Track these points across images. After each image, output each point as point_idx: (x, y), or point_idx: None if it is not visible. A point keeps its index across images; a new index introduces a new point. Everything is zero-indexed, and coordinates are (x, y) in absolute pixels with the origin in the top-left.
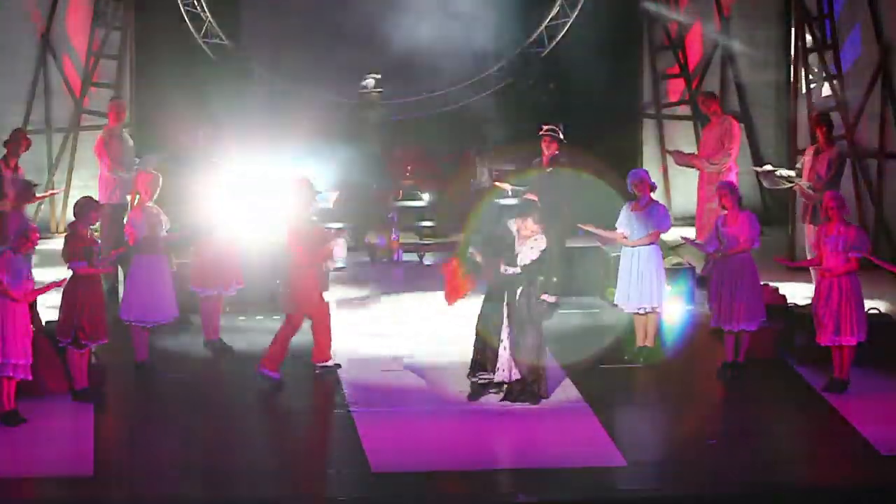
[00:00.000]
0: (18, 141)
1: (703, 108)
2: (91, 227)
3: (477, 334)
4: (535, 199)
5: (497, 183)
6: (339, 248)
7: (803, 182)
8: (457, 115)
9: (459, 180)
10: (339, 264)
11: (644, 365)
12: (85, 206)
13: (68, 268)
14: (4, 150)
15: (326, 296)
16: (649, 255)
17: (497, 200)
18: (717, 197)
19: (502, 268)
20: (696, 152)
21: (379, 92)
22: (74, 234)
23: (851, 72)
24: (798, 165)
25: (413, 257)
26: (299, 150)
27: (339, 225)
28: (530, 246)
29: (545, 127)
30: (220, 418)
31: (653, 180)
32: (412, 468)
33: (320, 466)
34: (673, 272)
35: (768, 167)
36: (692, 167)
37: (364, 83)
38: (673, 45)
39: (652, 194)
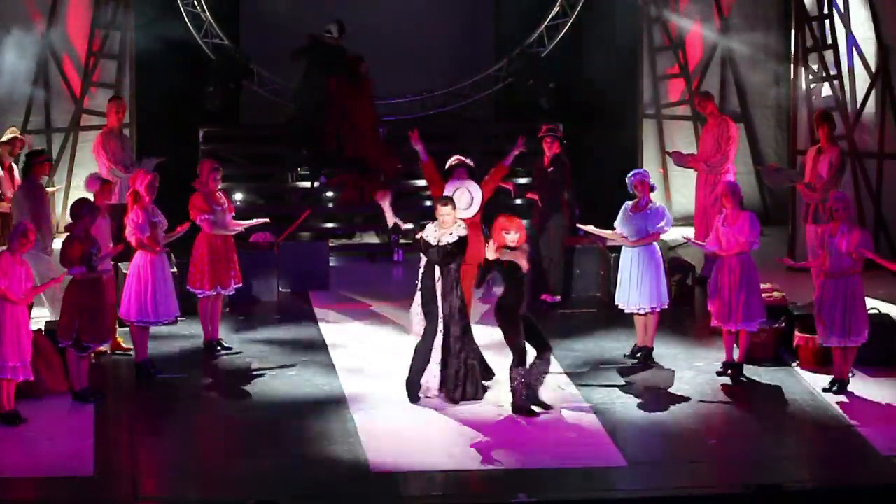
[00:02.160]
0: (13, 141)
1: (700, 109)
2: (88, 230)
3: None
4: (537, 198)
5: (500, 183)
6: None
7: (805, 182)
8: (457, 115)
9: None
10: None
11: (644, 365)
12: (80, 210)
13: (67, 273)
14: None
15: None
16: (649, 256)
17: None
18: (717, 196)
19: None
20: (696, 153)
21: (338, 38)
22: (71, 239)
23: (851, 72)
24: (799, 165)
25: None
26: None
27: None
28: (450, 231)
29: (545, 127)
30: (219, 418)
31: (652, 181)
32: (412, 468)
33: (320, 466)
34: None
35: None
36: (691, 168)
37: (328, 28)
38: (673, 45)
39: (652, 195)
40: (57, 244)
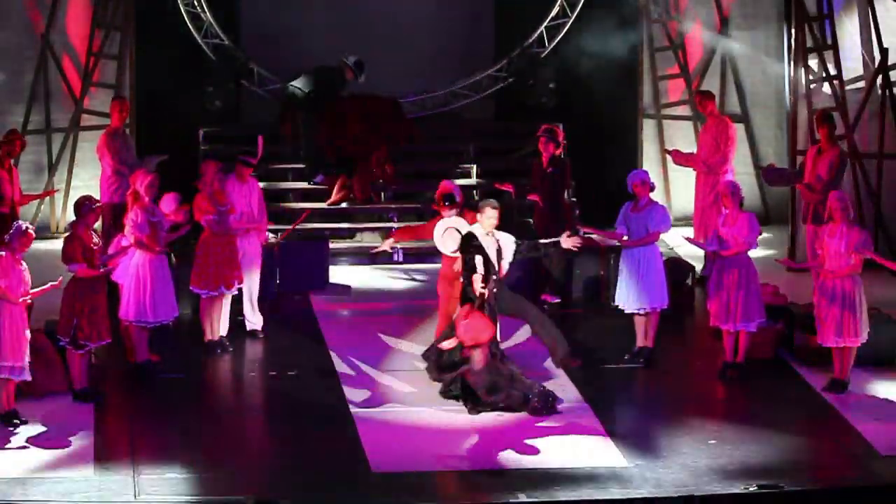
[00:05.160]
0: (13, 142)
1: (700, 108)
2: (91, 228)
3: None
4: (538, 200)
5: (498, 185)
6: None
7: (805, 182)
8: (456, 115)
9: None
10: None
11: (644, 365)
12: (83, 207)
13: (67, 270)
14: None
15: None
16: (649, 256)
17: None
18: (716, 196)
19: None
20: (695, 152)
21: (355, 68)
22: (73, 236)
23: (851, 72)
24: (799, 165)
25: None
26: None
27: None
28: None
29: (543, 127)
30: (220, 418)
31: (653, 181)
32: (412, 468)
33: (320, 466)
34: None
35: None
36: (690, 167)
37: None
38: (673, 45)
39: (651, 195)
40: (58, 244)
